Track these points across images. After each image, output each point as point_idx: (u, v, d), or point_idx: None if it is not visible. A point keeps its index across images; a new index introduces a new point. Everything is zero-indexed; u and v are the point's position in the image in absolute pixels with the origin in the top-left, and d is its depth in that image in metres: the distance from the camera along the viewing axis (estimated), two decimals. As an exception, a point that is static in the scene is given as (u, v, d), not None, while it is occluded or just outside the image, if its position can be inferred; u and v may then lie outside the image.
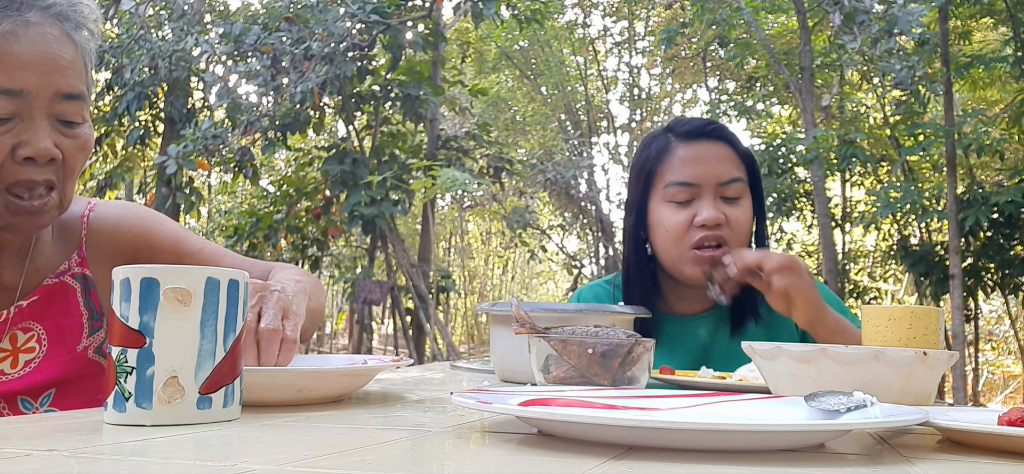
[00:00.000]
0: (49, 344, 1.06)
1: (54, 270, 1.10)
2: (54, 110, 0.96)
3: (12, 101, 0.92)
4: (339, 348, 12.56)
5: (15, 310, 1.05)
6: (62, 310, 1.08)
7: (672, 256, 1.51)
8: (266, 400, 0.85)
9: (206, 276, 0.71)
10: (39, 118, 0.95)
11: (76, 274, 1.11)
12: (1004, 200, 5.16)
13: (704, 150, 1.51)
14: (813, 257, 8.68)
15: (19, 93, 0.92)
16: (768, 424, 0.64)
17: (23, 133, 0.94)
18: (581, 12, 10.93)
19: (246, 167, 6.62)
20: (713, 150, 1.51)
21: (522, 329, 1.02)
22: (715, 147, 1.51)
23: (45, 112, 0.95)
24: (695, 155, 1.51)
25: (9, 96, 0.92)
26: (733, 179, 1.50)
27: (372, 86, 7.18)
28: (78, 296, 1.10)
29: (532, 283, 17.23)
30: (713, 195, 1.49)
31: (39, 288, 1.08)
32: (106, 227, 1.15)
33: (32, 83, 0.93)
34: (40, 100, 0.94)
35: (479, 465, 0.58)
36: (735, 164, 1.52)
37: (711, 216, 1.47)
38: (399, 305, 7.70)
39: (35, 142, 0.94)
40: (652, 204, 1.54)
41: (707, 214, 1.47)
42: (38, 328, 1.06)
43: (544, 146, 10.93)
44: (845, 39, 5.31)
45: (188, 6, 7.28)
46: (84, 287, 1.11)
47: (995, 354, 9.85)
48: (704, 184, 1.49)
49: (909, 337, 0.96)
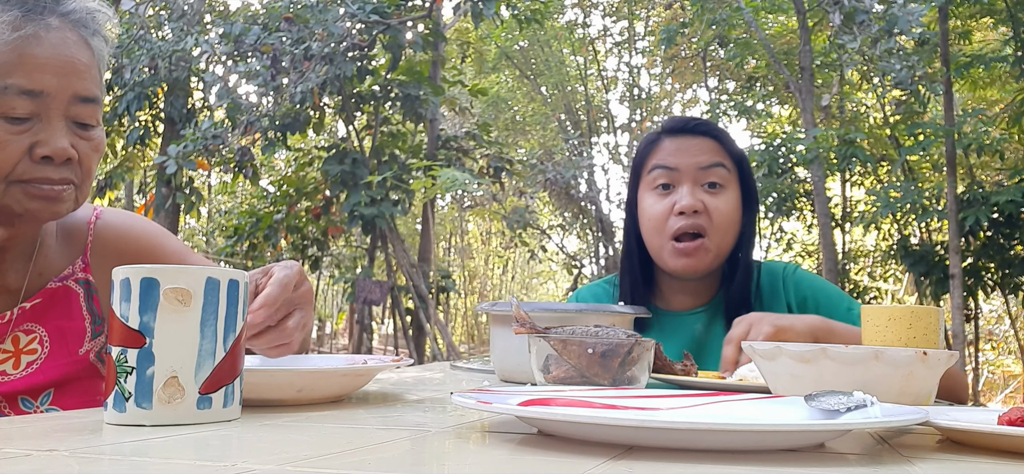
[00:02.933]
0: (51, 346, 1.06)
1: (58, 274, 1.11)
2: (71, 112, 0.99)
3: (32, 101, 0.95)
4: (339, 348, 12.56)
5: (18, 312, 1.06)
6: (64, 313, 1.09)
7: (655, 246, 1.52)
8: (266, 400, 0.85)
9: (206, 276, 0.71)
10: (56, 119, 0.98)
11: (79, 279, 1.12)
12: (1004, 200, 5.16)
13: (688, 142, 1.53)
14: (813, 257, 8.69)
15: (39, 94, 0.95)
16: (768, 424, 0.64)
17: (40, 133, 0.97)
18: (581, 12, 10.94)
19: (246, 167, 6.62)
20: (697, 142, 1.53)
21: (522, 329, 1.02)
22: (700, 140, 1.53)
23: (62, 114, 0.98)
24: (678, 146, 1.52)
25: (29, 96, 0.95)
26: (714, 164, 1.50)
27: (372, 86, 7.18)
28: (81, 301, 1.11)
29: (532, 283, 17.23)
30: (692, 182, 1.49)
31: (42, 291, 1.08)
32: (112, 235, 1.16)
33: (51, 85, 0.96)
34: (58, 102, 0.97)
35: (479, 465, 0.58)
36: (719, 154, 1.52)
37: (688, 203, 1.47)
38: (399, 305, 7.70)
39: (52, 142, 0.97)
40: (640, 195, 1.56)
41: (685, 201, 1.47)
42: (40, 330, 1.06)
43: (544, 146, 10.93)
44: (845, 39, 5.31)
45: (188, 6, 7.27)
46: (87, 292, 1.12)
47: (995, 354, 9.85)
48: (684, 170, 1.50)
49: (909, 337, 0.96)
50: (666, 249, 1.49)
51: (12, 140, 0.95)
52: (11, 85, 0.94)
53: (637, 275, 1.57)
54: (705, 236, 1.48)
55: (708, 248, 1.48)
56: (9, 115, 0.95)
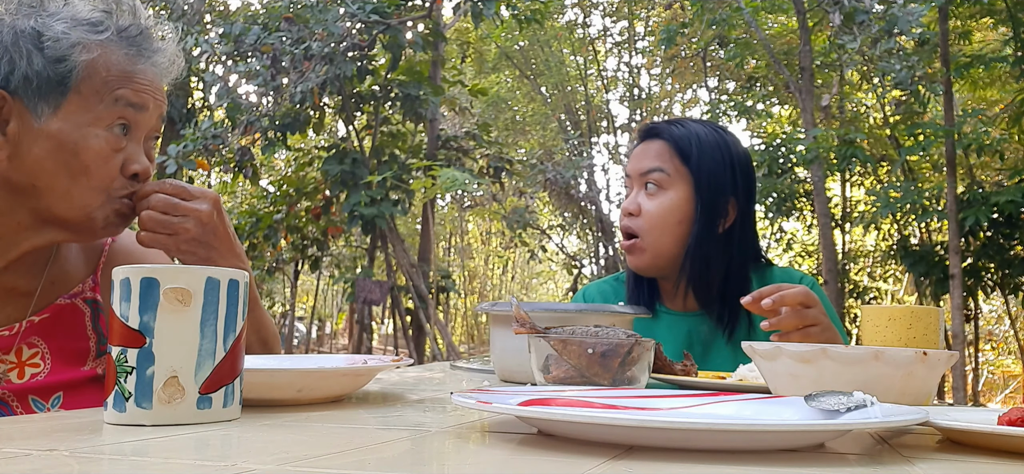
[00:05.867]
0: (53, 363, 1.07)
1: (69, 289, 1.11)
2: (151, 133, 1.08)
3: (136, 115, 1.03)
4: (339, 348, 12.57)
5: (26, 325, 1.07)
6: (70, 332, 1.09)
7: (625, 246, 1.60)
8: (266, 400, 0.85)
9: (206, 276, 0.71)
10: (141, 139, 1.06)
11: (88, 298, 1.12)
12: (1004, 200, 5.16)
13: (644, 147, 1.58)
14: (813, 257, 8.69)
15: (141, 109, 1.04)
16: (768, 424, 0.64)
17: (131, 151, 1.05)
18: (581, 12, 10.93)
19: (246, 167, 6.62)
20: (649, 147, 1.57)
21: (522, 329, 1.02)
22: (652, 144, 1.57)
23: (144, 134, 1.07)
24: (638, 151, 1.59)
25: (134, 109, 1.03)
26: (653, 169, 1.54)
27: (372, 86, 7.18)
28: (87, 320, 1.11)
29: (532, 283, 17.23)
30: (638, 187, 1.56)
31: (51, 306, 1.09)
32: (124, 259, 1.18)
33: (150, 104, 1.05)
34: (148, 122, 1.06)
35: (479, 465, 0.58)
36: (663, 158, 1.55)
37: (624, 205, 1.56)
38: (399, 305, 7.69)
39: (140, 160, 1.05)
40: None
41: (624, 204, 1.56)
42: (43, 346, 1.07)
43: (544, 146, 10.93)
44: (845, 39, 5.31)
45: (188, 6, 7.27)
46: (94, 312, 1.12)
47: (995, 354, 9.85)
48: (633, 176, 1.57)
49: (909, 337, 0.96)
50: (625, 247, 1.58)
51: (115, 155, 1.02)
52: (121, 97, 1.02)
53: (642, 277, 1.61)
54: (638, 236, 1.53)
55: (643, 248, 1.53)
56: (118, 121, 1.02)
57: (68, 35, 0.99)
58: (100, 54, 1.01)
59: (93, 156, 1.00)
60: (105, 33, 1.02)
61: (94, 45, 1.00)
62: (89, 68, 1.00)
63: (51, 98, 0.99)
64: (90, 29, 1.01)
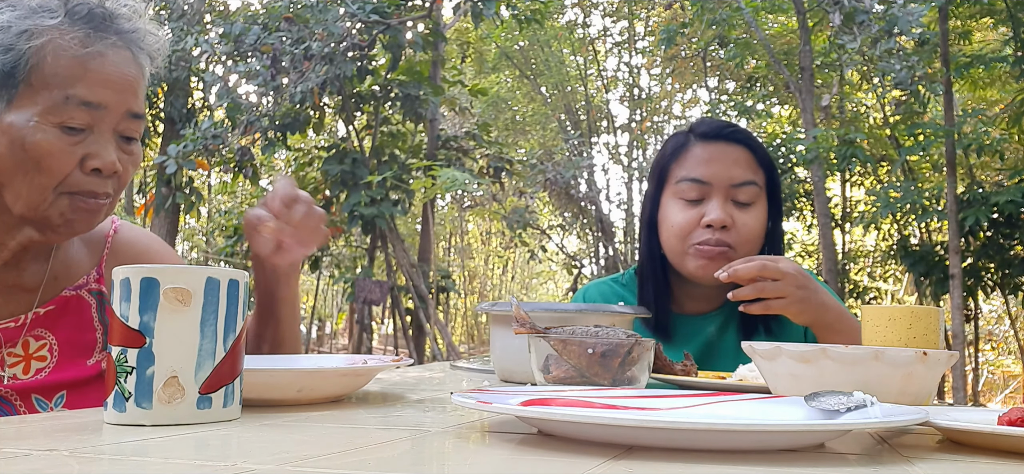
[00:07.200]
0: (60, 356, 1.06)
1: (73, 282, 1.11)
2: (121, 127, 1.03)
3: (90, 113, 0.99)
4: (339, 348, 12.56)
5: (32, 316, 1.06)
6: (76, 324, 1.09)
7: (675, 252, 1.49)
8: (266, 400, 0.85)
9: (206, 276, 0.71)
10: (108, 133, 1.01)
11: (93, 290, 1.12)
12: (1004, 200, 5.15)
13: (720, 150, 1.48)
14: (813, 257, 8.69)
15: (98, 107, 0.99)
16: (768, 424, 0.64)
17: (92, 146, 1.00)
18: (581, 12, 10.93)
19: (246, 167, 6.62)
20: (730, 151, 1.48)
21: (522, 329, 1.02)
22: (732, 149, 1.48)
23: (113, 128, 1.02)
24: (710, 154, 1.48)
25: (88, 108, 0.98)
26: (746, 182, 1.46)
27: (372, 86, 7.18)
28: (93, 311, 1.11)
29: (532, 283, 17.22)
30: (723, 196, 1.46)
31: (57, 298, 1.09)
32: (128, 251, 1.17)
33: (109, 100, 1.00)
34: (112, 116, 1.01)
35: (479, 465, 0.58)
36: (751, 168, 1.48)
37: (718, 217, 1.44)
38: (399, 305, 7.69)
39: (104, 155, 1.00)
40: (663, 199, 1.53)
41: (715, 214, 1.44)
42: (50, 338, 1.07)
43: (544, 146, 10.92)
44: (845, 39, 5.31)
45: (188, 6, 7.27)
46: (99, 303, 1.12)
47: (995, 354, 9.85)
48: (715, 184, 1.46)
49: (909, 337, 0.96)
50: (689, 254, 1.47)
51: (67, 150, 0.98)
52: (73, 96, 0.97)
53: (660, 278, 1.54)
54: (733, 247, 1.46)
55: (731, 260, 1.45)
56: (67, 124, 0.97)
57: (13, 24, 0.95)
58: (49, 40, 0.96)
59: (44, 152, 0.96)
60: (56, 18, 0.97)
61: (43, 30, 0.96)
62: (37, 56, 0.96)
63: (3, 91, 0.96)
64: (39, 14, 0.96)
